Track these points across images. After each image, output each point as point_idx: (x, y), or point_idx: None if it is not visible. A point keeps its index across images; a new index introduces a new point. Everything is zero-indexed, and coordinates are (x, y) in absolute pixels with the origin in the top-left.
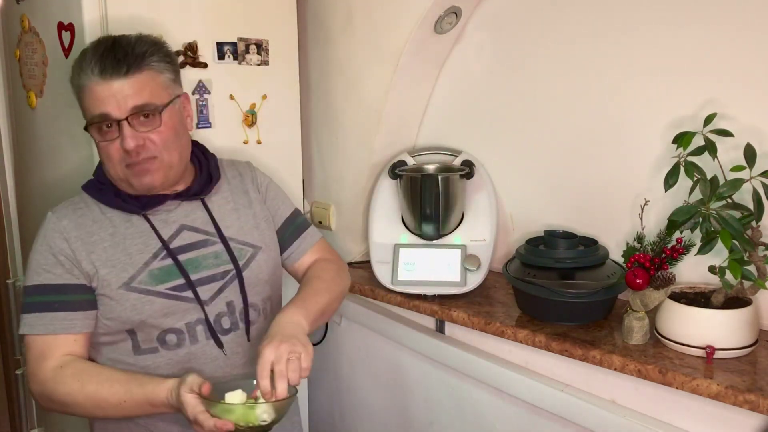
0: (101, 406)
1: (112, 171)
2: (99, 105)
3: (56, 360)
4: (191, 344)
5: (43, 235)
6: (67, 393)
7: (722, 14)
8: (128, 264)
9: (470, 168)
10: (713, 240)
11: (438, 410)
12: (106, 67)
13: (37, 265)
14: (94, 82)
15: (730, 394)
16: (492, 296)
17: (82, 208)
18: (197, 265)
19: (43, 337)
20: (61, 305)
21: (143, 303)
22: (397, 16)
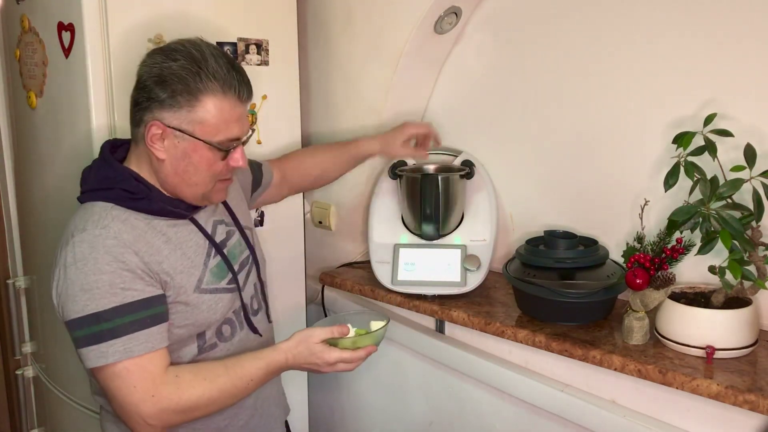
0: (233, 394)
1: (198, 181)
2: (233, 127)
3: (167, 374)
4: (240, 330)
5: (105, 253)
6: (200, 395)
7: (722, 14)
8: (192, 267)
9: (470, 168)
10: (713, 240)
11: (438, 410)
12: (243, 92)
13: (110, 286)
14: (230, 103)
15: (730, 394)
16: (492, 296)
17: (127, 220)
18: (234, 256)
19: (145, 357)
20: (153, 319)
21: (215, 302)
22: (397, 16)
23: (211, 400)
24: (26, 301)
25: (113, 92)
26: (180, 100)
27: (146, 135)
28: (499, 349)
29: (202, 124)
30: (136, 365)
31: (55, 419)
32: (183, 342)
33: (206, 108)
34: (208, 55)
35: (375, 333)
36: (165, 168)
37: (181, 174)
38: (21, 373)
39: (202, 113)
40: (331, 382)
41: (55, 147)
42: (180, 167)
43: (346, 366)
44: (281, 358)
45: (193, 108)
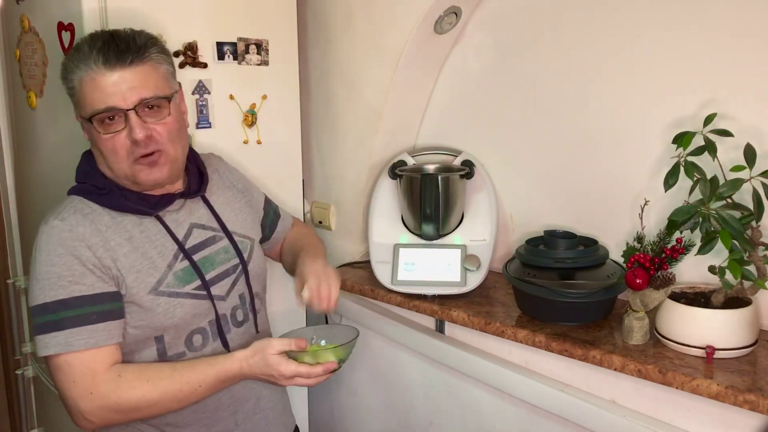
0: (178, 398)
1: (117, 167)
2: (104, 97)
3: (109, 371)
4: (213, 341)
5: (59, 245)
6: (140, 397)
7: (722, 14)
8: (152, 268)
9: (470, 168)
10: (713, 240)
11: (438, 410)
12: (110, 57)
13: (58, 278)
14: (98, 74)
15: (730, 394)
16: (492, 296)
17: (90, 214)
18: (212, 262)
19: (87, 352)
20: (100, 316)
21: (174, 306)
22: (397, 16)
23: (152, 402)
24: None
25: None
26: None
27: None
28: (499, 349)
29: (80, 105)
30: (78, 360)
31: (55, 419)
32: (141, 343)
33: (81, 88)
34: (86, 37)
35: (335, 349)
36: (101, 162)
37: (107, 163)
38: (21, 373)
39: (80, 95)
40: (331, 382)
41: (55, 147)
42: (100, 157)
43: (304, 381)
44: (235, 366)
45: (73, 90)
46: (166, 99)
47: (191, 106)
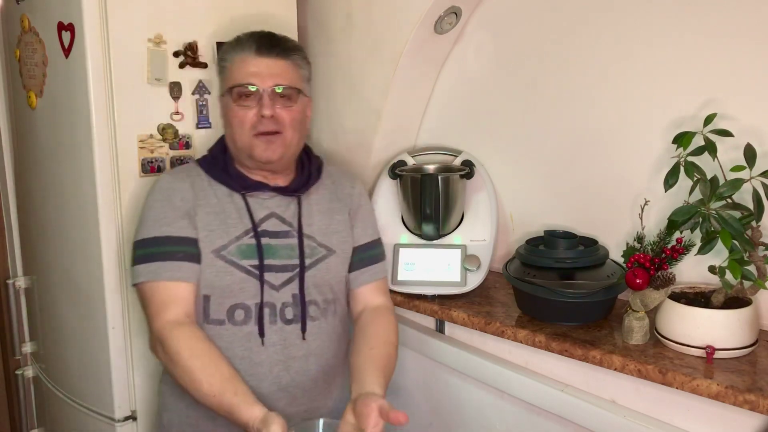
0: (194, 386)
1: (239, 137)
2: (247, 76)
3: (177, 314)
4: (252, 324)
5: (160, 192)
6: (176, 352)
7: (722, 14)
8: (223, 233)
9: (470, 168)
10: (713, 240)
11: (438, 410)
12: (261, 47)
13: (155, 220)
14: (248, 57)
15: (730, 394)
16: (492, 296)
17: (194, 176)
18: (275, 253)
19: (166, 284)
20: (185, 256)
21: (226, 272)
22: (397, 16)
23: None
24: (26, 301)
25: (113, 92)
26: (221, 65)
27: None
28: (499, 349)
29: (227, 77)
30: (159, 288)
31: (55, 419)
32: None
33: (231, 68)
34: (247, 34)
35: None
36: (226, 134)
37: (228, 135)
38: (21, 373)
39: (227, 71)
40: None
41: (55, 147)
42: (226, 129)
43: None
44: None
45: (224, 69)
46: (296, 90)
47: (191, 106)
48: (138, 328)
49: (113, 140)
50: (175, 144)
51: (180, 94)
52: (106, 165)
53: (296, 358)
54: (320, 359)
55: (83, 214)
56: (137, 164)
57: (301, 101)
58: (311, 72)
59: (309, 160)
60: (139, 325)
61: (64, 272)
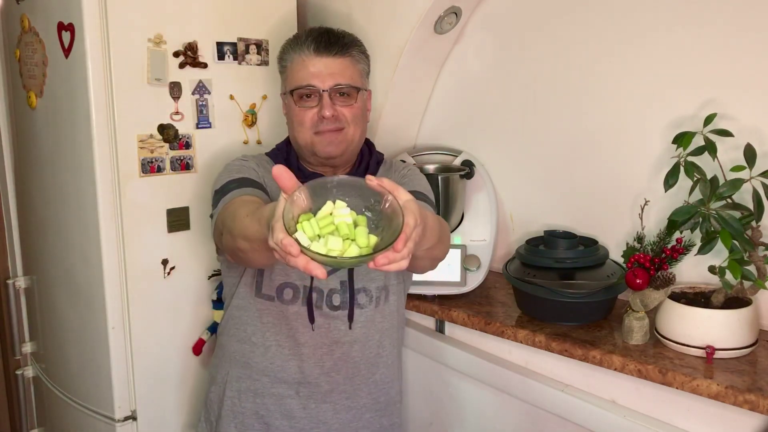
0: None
1: (301, 136)
2: (307, 77)
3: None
4: (301, 305)
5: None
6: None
7: (722, 14)
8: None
9: (470, 168)
10: (713, 240)
11: (438, 410)
12: (320, 46)
13: (229, 172)
14: (307, 57)
15: (730, 394)
16: (492, 296)
17: (264, 163)
18: None
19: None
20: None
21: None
22: (397, 15)
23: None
24: (26, 301)
25: (113, 92)
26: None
27: None
28: (499, 349)
29: (288, 80)
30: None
31: (55, 419)
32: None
33: (291, 67)
34: (305, 32)
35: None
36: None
37: (291, 133)
38: (21, 373)
39: (289, 71)
40: None
41: (55, 147)
42: (289, 127)
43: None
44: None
45: (284, 68)
46: (356, 89)
47: (191, 106)
48: (138, 328)
49: (113, 140)
50: (175, 144)
51: (180, 94)
52: (106, 165)
53: (341, 343)
54: (365, 347)
55: (83, 214)
56: (137, 164)
57: (361, 96)
58: (370, 64)
59: (370, 153)
60: (140, 325)
61: (64, 272)
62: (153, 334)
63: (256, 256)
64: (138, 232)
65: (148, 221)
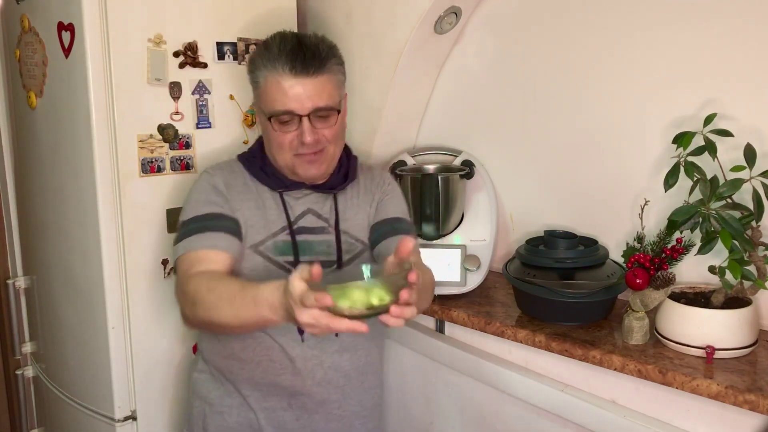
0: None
1: (280, 158)
2: (285, 101)
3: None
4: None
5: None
6: (195, 289)
7: (722, 14)
8: (262, 229)
9: (470, 168)
10: (713, 240)
11: (438, 410)
12: (296, 66)
13: (196, 202)
14: (282, 78)
15: (730, 394)
16: (492, 296)
17: (236, 172)
18: (311, 249)
19: (198, 252)
20: (214, 227)
21: (262, 268)
22: (397, 16)
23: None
24: (26, 301)
25: (113, 92)
26: (254, 80)
27: None
28: (499, 349)
29: (262, 98)
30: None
31: (55, 419)
32: None
33: (263, 83)
34: (276, 37)
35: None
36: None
37: (269, 150)
38: (21, 373)
39: (262, 89)
40: None
41: (55, 147)
42: (266, 144)
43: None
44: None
45: (257, 85)
46: (336, 110)
47: (191, 106)
48: (138, 328)
49: (113, 140)
50: (175, 144)
51: (180, 94)
52: (106, 165)
53: (330, 353)
54: (354, 356)
55: (83, 214)
56: (137, 164)
57: (340, 115)
58: (344, 66)
59: (348, 158)
60: (139, 325)
61: (64, 272)
62: (153, 334)
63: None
64: (138, 232)
65: (148, 221)
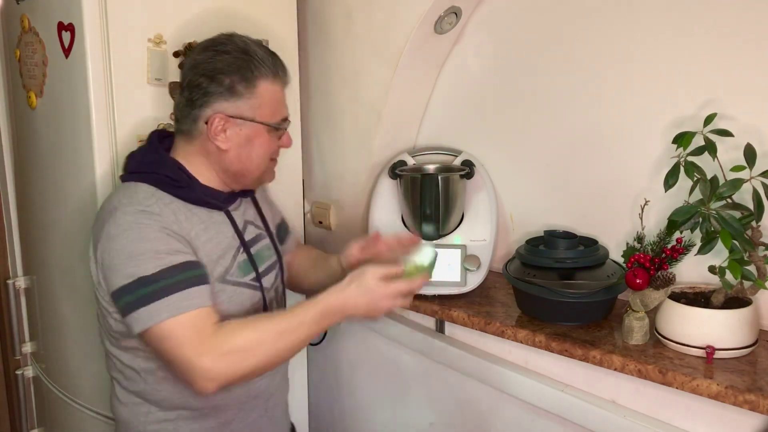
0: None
1: (258, 164)
2: (283, 109)
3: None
4: None
5: (148, 226)
6: (246, 338)
7: (722, 14)
8: (221, 258)
9: (470, 168)
10: (713, 240)
11: (438, 410)
12: (285, 73)
13: (155, 252)
14: (276, 85)
15: (730, 394)
16: (492, 296)
17: (170, 204)
18: (262, 257)
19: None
20: (198, 279)
21: (237, 294)
22: (397, 16)
23: (258, 341)
24: (26, 301)
25: (113, 92)
26: (239, 89)
27: (209, 129)
28: (499, 349)
29: (261, 109)
30: (184, 322)
31: (55, 419)
32: None
33: (262, 93)
34: (252, 44)
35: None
36: (228, 157)
37: (244, 160)
38: (21, 373)
39: (259, 98)
40: (331, 382)
41: (55, 147)
42: (243, 153)
43: (404, 301)
44: (332, 298)
45: (252, 95)
46: None
47: None
48: None
49: (113, 140)
50: None
51: None
52: (106, 165)
53: None
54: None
55: (83, 214)
56: None
57: None
58: None
59: None
60: None
61: (64, 272)
62: None
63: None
64: None
65: None
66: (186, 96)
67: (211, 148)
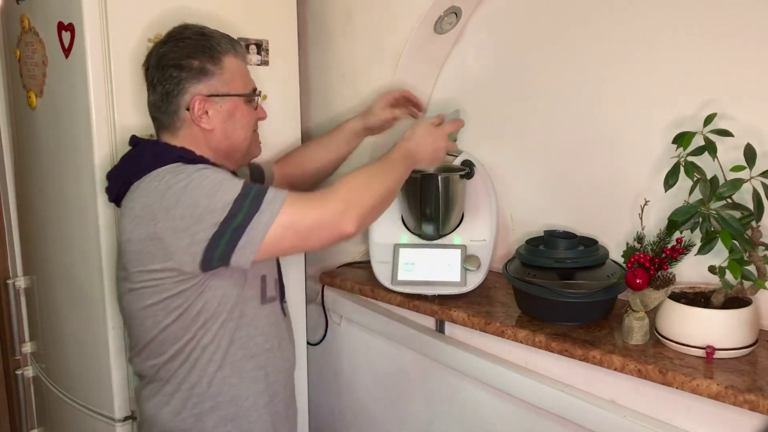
0: (386, 173)
1: (244, 137)
2: (250, 80)
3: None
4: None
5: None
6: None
7: (722, 14)
8: None
9: (470, 168)
10: (713, 240)
11: (438, 410)
12: (243, 49)
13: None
14: (240, 59)
15: (730, 394)
16: (492, 296)
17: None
18: None
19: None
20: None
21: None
22: (397, 16)
23: (369, 176)
24: (26, 301)
25: (113, 92)
26: (209, 68)
27: (192, 113)
28: (499, 349)
29: (233, 82)
30: (292, 200)
31: (55, 419)
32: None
33: (230, 67)
34: (205, 27)
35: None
36: (215, 136)
37: (230, 135)
38: (21, 373)
39: (229, 72)
40: (331, 382)
41: (55, 147)
42: (228, 129)
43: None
44: (405, 144)
45: (222, 70)
46: None
47: None
48: None
49: (113, 140)
50: None
51: None
52: (106, 165)
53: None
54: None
55: (83, 214)
56: None
57: None
58: None
59: None
60: None
61: (64, 272)
62: None
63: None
64: None
65: None
66: (160, 91)
67: (197, 133)
